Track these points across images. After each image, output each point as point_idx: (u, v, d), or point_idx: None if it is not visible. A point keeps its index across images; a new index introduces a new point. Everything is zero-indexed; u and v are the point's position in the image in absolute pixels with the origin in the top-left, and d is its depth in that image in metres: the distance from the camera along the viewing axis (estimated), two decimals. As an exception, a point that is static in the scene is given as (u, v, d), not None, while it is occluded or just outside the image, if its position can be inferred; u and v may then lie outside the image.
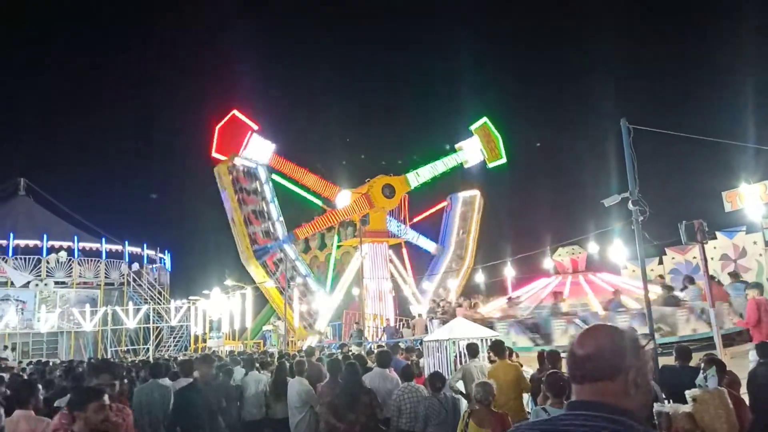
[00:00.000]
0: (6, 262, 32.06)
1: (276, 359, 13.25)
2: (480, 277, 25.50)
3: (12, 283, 31.74)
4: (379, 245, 30.56)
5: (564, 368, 8.13)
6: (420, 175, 31.64)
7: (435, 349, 12.04)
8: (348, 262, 31.82)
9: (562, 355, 8.39)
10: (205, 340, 32.01)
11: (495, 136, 33.86)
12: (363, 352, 13.79)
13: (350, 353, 13.10)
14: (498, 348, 8.50)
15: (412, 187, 31.65)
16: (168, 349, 33.05)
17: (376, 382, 7.69)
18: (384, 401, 7.18)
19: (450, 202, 35.38)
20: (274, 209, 29.55)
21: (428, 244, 33.90)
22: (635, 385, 1.62)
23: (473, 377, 7.84)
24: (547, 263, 18.21)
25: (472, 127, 33.87)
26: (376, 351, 13.90)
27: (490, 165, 33.85)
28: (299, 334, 28.04)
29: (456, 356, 11.97)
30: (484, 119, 33.99)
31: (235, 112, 28.45)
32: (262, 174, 29.37)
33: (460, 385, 8.25)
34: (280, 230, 29.49)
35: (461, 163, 33.65)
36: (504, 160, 33.87)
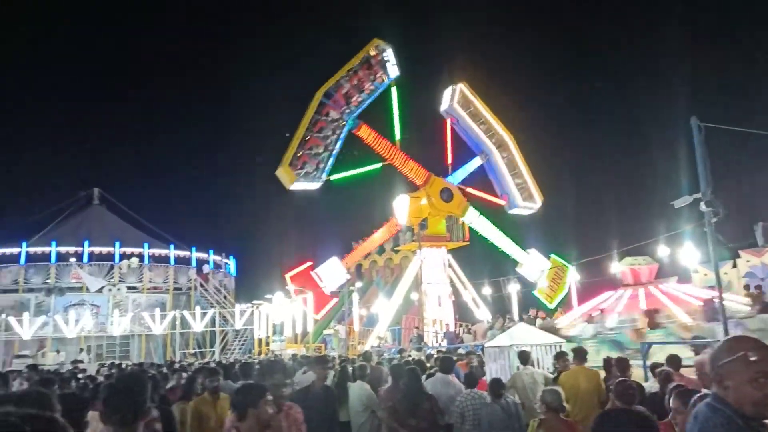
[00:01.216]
0: (82, 268, 33.76)
1: (337, 363, 13.40)
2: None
3: (87, 289, 33.37)
4: (437, 249, 30.43)
5: (633, 376, 7.84)
6: (478, 222, 31.14)
7: (497, 355, 11.87)
8: (406, 267, 31.85)
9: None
10: (268, 344, 32.69)
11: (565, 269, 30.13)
12: (423, 357, 13.72)
13: (410, 358, 13.07)
14: (580, 353, 8.24)
15: (467, 221, 31.11)
16: (233, 352, 33.92)
17: (438, 387, 7.63)
18: (446, 407, 7.11)
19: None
20: (330, 157, 28.53)
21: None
22: None
23: (523, 385, 7.68)
24: (614, 268, 17.66)
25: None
26: (435, 356, 13.84)
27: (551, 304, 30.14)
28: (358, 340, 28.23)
29: (519, 363, 11.79)
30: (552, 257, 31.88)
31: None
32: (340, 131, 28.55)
33: (512, 395, 8.11)
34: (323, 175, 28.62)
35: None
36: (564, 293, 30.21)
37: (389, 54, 28.94)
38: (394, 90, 30.47)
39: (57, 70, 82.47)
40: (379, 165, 30.22)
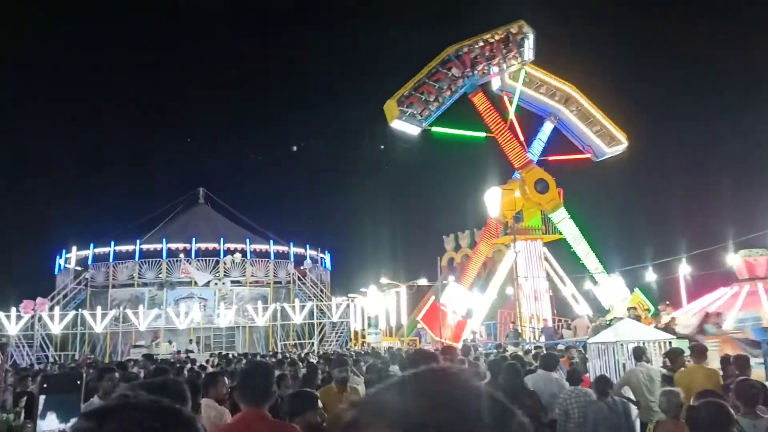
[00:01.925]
0: (190, 263, 35.92)
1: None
2: (651, 276, 23.62)
3: (195, 283, 35.50)
4: (533, 243, 29.61)
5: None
6: (565, 224, 29.81)
7: (601, 351, 11.42)
8: (500, 261, 31.24)
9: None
10: (364, 336, 33.32)
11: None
12: (520, 353, 13.42)
13: (507, 354, 12.83)
14: (699, 351, 7.74)
15: (554, 219, 29.74)
16: (330, 344, 34.89)
17: (540, 384, 7.42)
18: (548, 405, 6.90)
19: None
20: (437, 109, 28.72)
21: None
22: None
23: (638, 383, 7.28)
24: (729, 260, 16.40)
25: None
26: (533, 352, 13.48)
27: None
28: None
29: (625, 360, 11.24)
30: None
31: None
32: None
33: (627, 392, 7.71)
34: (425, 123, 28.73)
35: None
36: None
37: (530, 38, 28.72)
38: (523, 72, 30.33)
39: (163, 74, 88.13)
40: (482, 135, 30.21)
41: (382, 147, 30.08)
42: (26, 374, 11.60)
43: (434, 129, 29.23)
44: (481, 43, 28.28)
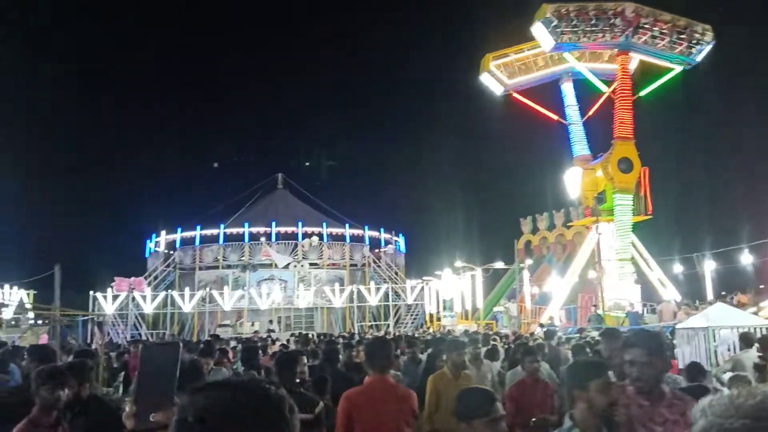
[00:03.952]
0: (270, 246, 37.08)
1: (511, 341, 13.20)
2: (746, 258, 22.12)
3: (276, 265, 36.63)
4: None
5: None
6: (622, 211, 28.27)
7: (690, 337, 10.89)
8: (581, 243, 30.27)
9: None
10: (439, 319, 33.32)
11: None
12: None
13: (590, 339, 12.42)
14: None
15: (615, 202, 28.02)
16: (406, 326, 35.14)
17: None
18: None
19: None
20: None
21: None
22: None
23: (747, 370, 6.83)
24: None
25: None
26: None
27: None
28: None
29: (716, 347, 10.63)
30: None
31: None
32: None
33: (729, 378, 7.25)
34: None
35: None
36: None
37: (707, 46, 27.82)
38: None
39: (243, 63, 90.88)
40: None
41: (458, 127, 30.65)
42: (123, 351, 12.37)
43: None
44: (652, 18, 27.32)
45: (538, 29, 26.95)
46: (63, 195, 64.75)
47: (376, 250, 40.39)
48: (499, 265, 32.14)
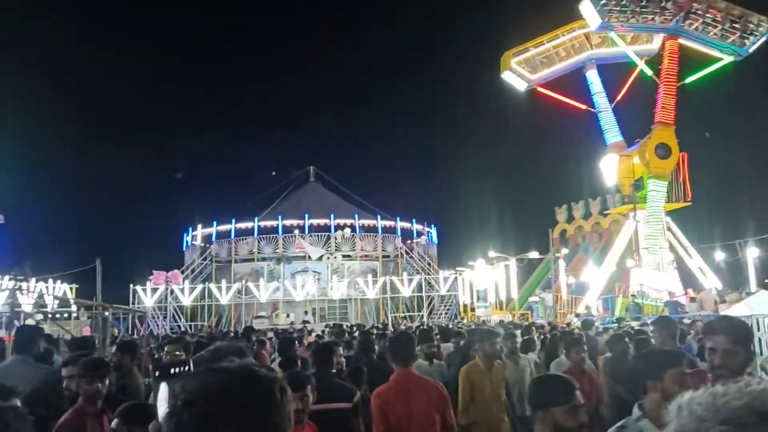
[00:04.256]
0: (304, 239, 37.41)
1: (546, 331, 13.04)
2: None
3: (309, 257, 36.96)
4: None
5: None
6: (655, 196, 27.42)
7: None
8: (617, 232, 29.71)
9: None
10: (473, 309, 33.17)
11: None
12: (646, 328, 12.67)
13: (628, 328, 12.18)
14: None
15: (650, 187, 27.19)
16: (439, 317, 35.09)
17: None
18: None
19: None
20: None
21: None
22: None
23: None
24: None
25: None
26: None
27: None
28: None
29: (760, 336, 10.31)
30: None
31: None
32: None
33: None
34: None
35: None
36: None
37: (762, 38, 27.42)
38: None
39: (277, 59, 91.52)
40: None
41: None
42: (162, 343, 12.66)
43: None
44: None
45: (585, 6, 26.56)
46: (104, 191, 66.54)
47: (408, 241, 40.37)
48: (534, 254, 31.79)
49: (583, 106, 30.87)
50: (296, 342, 10.91)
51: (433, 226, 43.80)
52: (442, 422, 4.11)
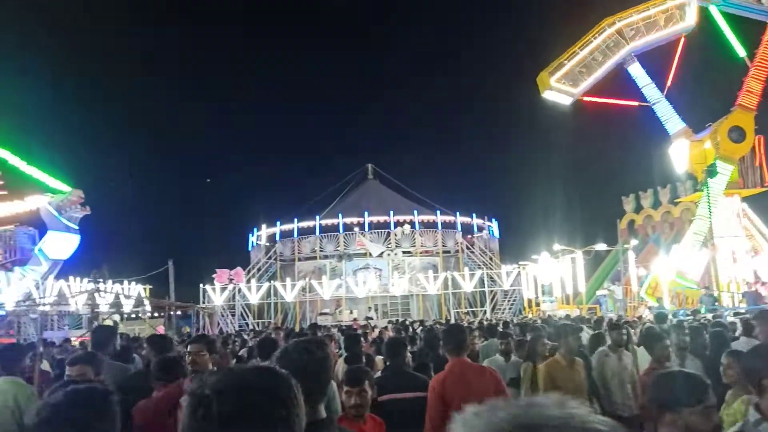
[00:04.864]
0: (364, 236, 37.71)
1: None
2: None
3: (370, 254, 37.23)
4: (728, 198, 26.43)
5: None
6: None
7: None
8: (689, 220, 28.40)
9: None
10: (538, 304, 32.51)
11: None
12: (724, 320, 12.06)
13: (705, 321, 11.63)
14: None
15: (719, 171, 25.65)
16: (503, 312, 34.60)
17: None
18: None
19: None
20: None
21: None
22: None
23: None
24: None
25: None
26: (731, 319, 12.10)
27: None
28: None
29: None
30: None
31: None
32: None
33: None
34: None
35: None
36: None
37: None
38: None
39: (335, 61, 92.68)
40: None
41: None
42: (232, 339, 13.04)
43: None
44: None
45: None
46: (174, 196, 69.36)
47: (469, 236, 39.99)
48: (601, 246, 30.81)
49: (635, 103, 29.51)
50: (361, 338, 11.01)
51: (493, 220, 43.28)
52: None
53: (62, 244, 27.00)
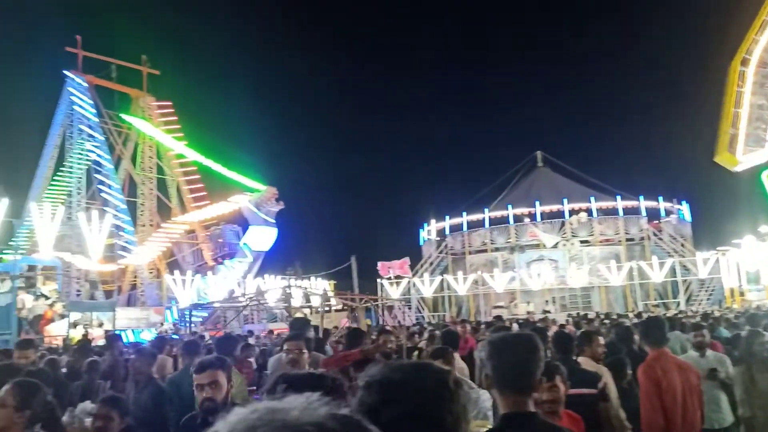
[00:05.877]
0: (536, 226, 36.58)
1: None
2: None
3: (544, 245, 35.99)
4: None
5: None
6: None
7: None
8: None
9: None
10: (742, 294, 28.92)
11: None
12: None
13: None
14: None
15: None
16: (700, 303, 31.35)
17: None
18: None
19: None
20: None
21: None
22: None
23: None
24: None
25: None
26: None
27: None
28: None
29: None
30: None
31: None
32: None
33: None
34: None
35: None
36: None
37: None
38: None
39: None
40: None
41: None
42: (414, 332, 13.42)
43: None
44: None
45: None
46: (354, 197, 73.70)
47: (655, 222, 36.87)
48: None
49: None
50: (542, 332, 10.67)
51: (684, 202, 39.42)
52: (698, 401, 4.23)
53: (262, 237, 29.94)
